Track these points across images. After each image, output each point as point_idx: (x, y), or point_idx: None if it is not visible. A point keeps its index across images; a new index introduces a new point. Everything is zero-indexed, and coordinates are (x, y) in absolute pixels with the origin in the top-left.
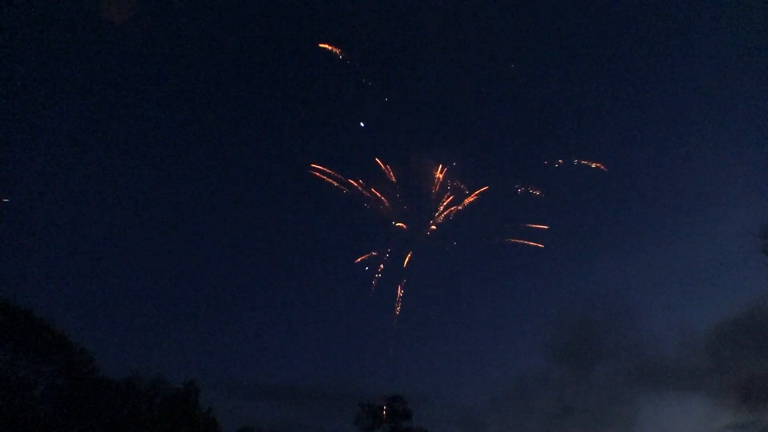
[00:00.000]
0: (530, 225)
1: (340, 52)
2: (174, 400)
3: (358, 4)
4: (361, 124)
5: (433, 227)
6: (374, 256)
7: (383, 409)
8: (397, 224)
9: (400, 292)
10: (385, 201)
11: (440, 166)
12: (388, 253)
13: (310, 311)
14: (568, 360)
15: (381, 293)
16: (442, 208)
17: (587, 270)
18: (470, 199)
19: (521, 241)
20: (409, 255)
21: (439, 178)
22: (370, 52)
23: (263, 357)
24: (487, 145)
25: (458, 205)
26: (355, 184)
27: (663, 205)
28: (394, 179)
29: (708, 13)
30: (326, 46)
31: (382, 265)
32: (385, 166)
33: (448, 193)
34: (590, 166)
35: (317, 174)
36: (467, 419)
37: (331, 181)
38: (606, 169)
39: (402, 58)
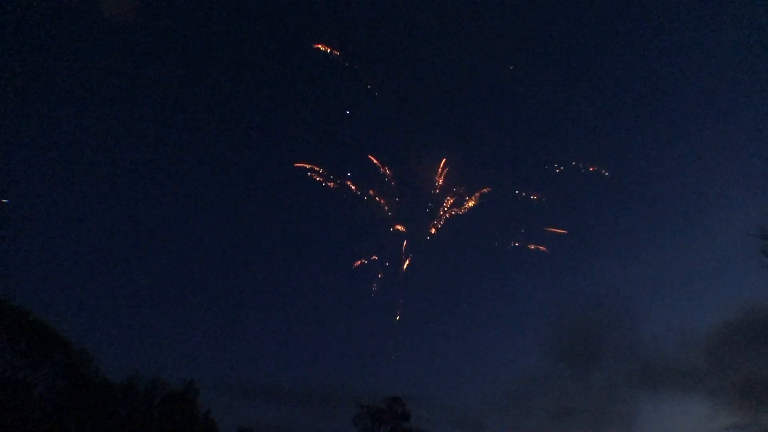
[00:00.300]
0: (550, 229)
1: (339, 54)
2: (173, 400)
3: (357, 3)
4: (347, 112)
5: (433, 230)
6: (374, 259)
7: (382, 410)
8: (396, 227)
9: (399, 293)
10: (384, 203)
11: (440, 168)
12: (388, 255)
13: (309, 312)
14: (568, 360)
15: (381, 294)
16: (442, 211)
17: (587, 270)
18: (471, 202)
19: (524, 244)
20: (409, 258)
21: (439, 181)
22: (368, 54)
23: (262, 357)
24: (486, 149)
25: (459, 208)
26: (353, 187)
27: (663, 206)
28: (393, 183)
29: (708, 14)
30: (322, 47)
31: (381, 273)
32: (383, 167)
33: (449, 196)
34: (591, 169)
35: (315, 176)
36: (467, 420)
37: (329, 183)
38: (607, 173)
39: (402, 59)
